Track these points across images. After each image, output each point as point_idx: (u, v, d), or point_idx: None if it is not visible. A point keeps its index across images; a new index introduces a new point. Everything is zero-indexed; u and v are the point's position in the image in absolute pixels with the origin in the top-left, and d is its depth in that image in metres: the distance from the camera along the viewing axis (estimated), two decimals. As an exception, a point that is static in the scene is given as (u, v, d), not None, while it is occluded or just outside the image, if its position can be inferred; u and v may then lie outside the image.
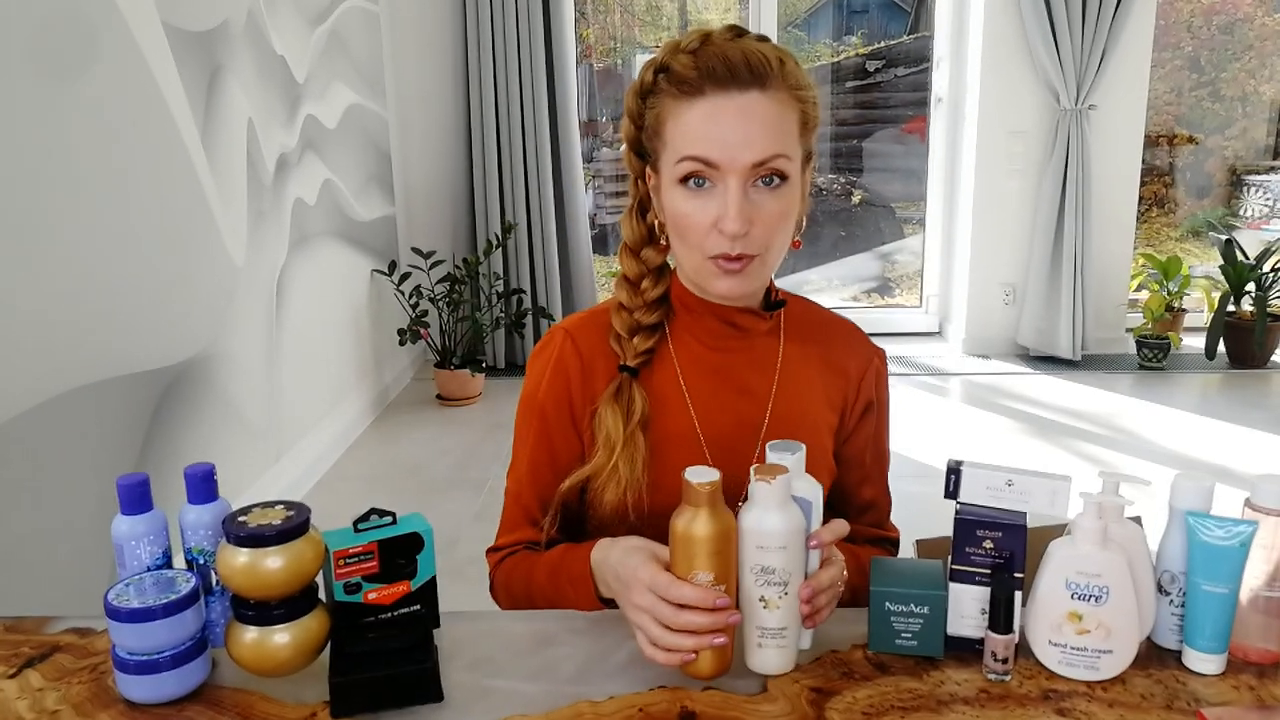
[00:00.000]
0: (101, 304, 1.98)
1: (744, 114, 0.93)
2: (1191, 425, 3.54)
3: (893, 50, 4.95)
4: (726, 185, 0.94)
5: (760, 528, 0.83)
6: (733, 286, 0.98)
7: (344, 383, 3.48)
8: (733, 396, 1.06)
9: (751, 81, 0.93)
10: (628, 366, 1.03)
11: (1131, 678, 0.85)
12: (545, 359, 1.08)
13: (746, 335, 1.07)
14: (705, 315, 1.06)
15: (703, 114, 0.94)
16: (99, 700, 0.83)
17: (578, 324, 1.08)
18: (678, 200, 0.97)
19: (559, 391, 1.06)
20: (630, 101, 1.02)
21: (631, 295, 1.05)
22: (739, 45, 0.95)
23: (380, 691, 0.81)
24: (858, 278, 5.17)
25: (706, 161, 0.94)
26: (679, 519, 0.82)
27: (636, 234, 1.05)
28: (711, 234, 0.96)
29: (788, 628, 0.85)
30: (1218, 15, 4.74)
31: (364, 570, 0.83)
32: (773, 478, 0.82)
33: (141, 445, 2.13)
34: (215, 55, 2.49)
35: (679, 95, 0.95)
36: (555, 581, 1.00)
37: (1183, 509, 0.86)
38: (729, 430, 1.05)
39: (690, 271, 1.03)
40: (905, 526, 1.20)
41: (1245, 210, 4.93)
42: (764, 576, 0.83)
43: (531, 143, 4.11)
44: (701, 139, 0.94)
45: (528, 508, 1.09)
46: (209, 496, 0.88)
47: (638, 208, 1.06)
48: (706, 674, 0.84)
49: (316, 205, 3.22)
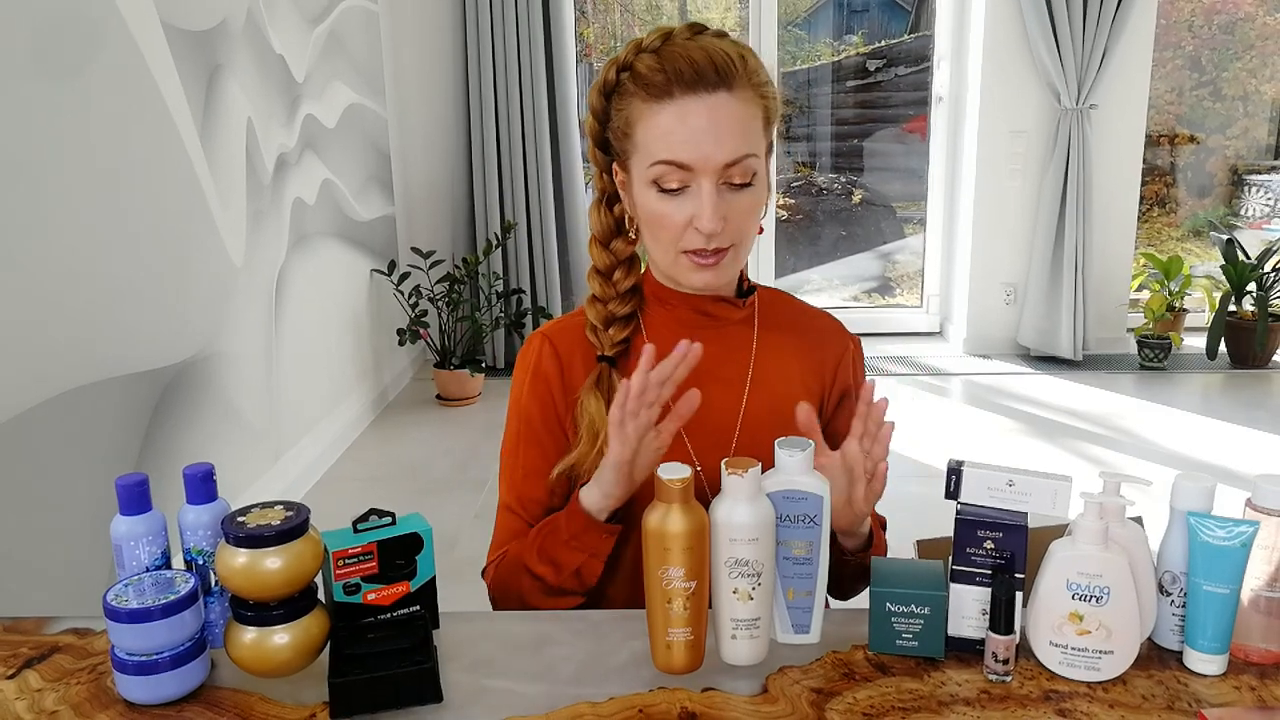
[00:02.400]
0: (100, 304, 1.98)
1: (713, 116, 0.95)
2: (1193, 425, 3.53)
3: (893, 49, 4.95)
4: (700, 186, 0.97)
5: (731, 520, 0.84)
6: (709, 279, 1.02)
7: (343, 383, 3.48)
8: (709, 386, 1.07)
9: (718, 82, 0.95)
10: (606, 356, 1.05)
11: (1132, 678, 0.85)
12: (525, 365, 1.10)
13: (720, 324, 1.09)
14: (679, 306, 1.09)
15: (672, 117, 0.96)
16: (98, 701, 0.83)
17: (555, 328, 1.11)
18: (651, 200, 0.99)
19: (541, 394, 1.07)
20: (594, 99, 1.04)
21: (604, 286, 1.07)
22: (701, 44, 0.97)
23: (379, 692, 0.81)
24: (858, 277, 5.17)
25: (680, 165, 0.96)
26: (651, 515, 0.83)
27: (604, 226, 1.07)
28: (687, 231, 0.99)
29: (760, 618, 0.86)
30: (1219, 14, 4.73)
31: (363, 571, 0.83)
32: (744, 471, 0.83)
33: (140, 445, 2.13)
34: (214, 55, 2.49)
35: (647, 98, 0.97)
36: (553, 532, 1.00)
37: (1184, 509, 0.86)
38: (707, 419, 1.06)
39: (664, 266, 1.05)
40: (905, 527, 1.20)
41: (1246, 210, 4.93)
42: (737, 569, 0.85)
43: (531, 142, 4.11)
44: (673, 143, 0.96)
45: (525, 509, 1.08)
46: (208, 497, 0.88)
47: (604, 200, 1.08)
48: (680, 667, 0.85)
49: (316, 205, 3.22)
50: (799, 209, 5.12)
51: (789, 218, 5.08)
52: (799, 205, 5.12)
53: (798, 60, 4.99)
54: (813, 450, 0.88)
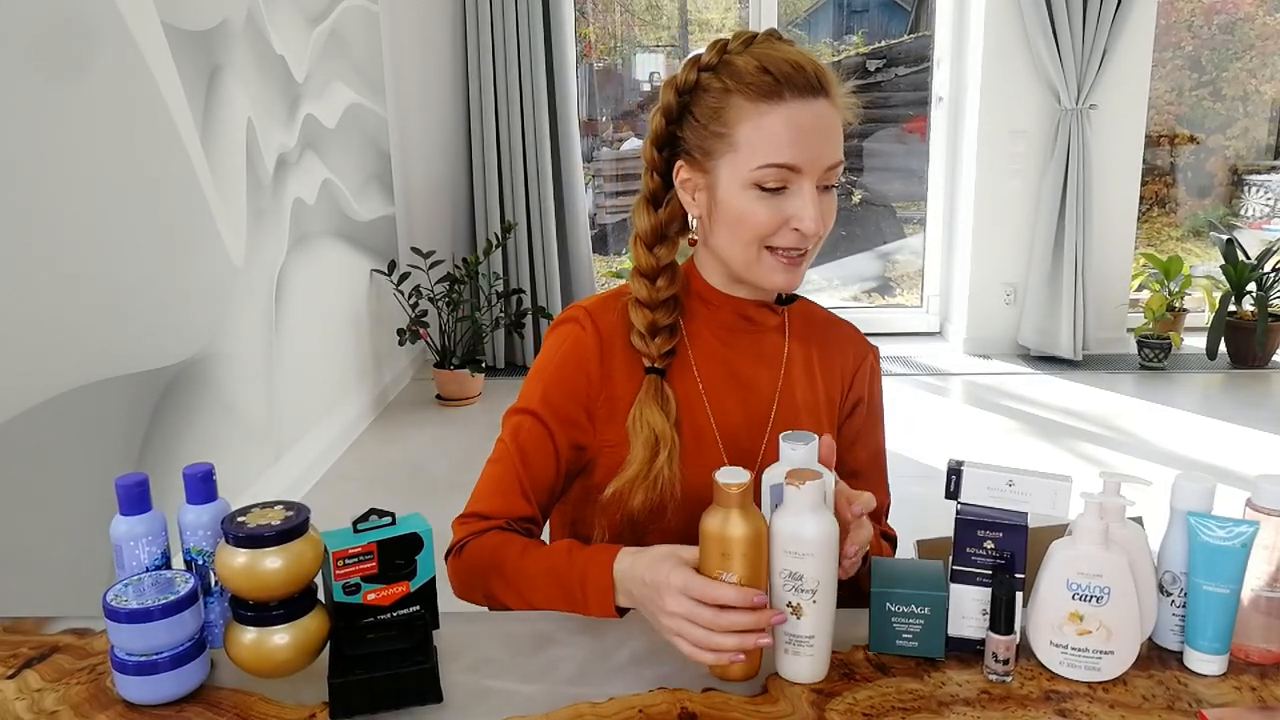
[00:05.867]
0: (100, 303, 1.98)
1: (820, 122, 0.97)
2: (1193, 425, 3.53)
3: (893, 49, 4.94)
4: (800, 187, 0.97)
5: (793, 532, 0.82)
6: (791, 279, 1.02)
7: (343, 383, 3.48)
8: (742, 391, 1.08)
9: (821, 90, 0.98)
10: (655, 369, 1.04)
11: (1133, 679, 0.85)
12: (563, 333, 1.07)
13: (757, 330, 1.09)
14: (723, 308, 1.08)
15: (784, 120, 0.96)
16: (97, 701, 0.83)
17: (597, 304, 1.08)
18: (748, 201, 0.98)
19: (573, 366, 1.05)
20: (669, 97, 1.02)
21: (649, 290, 1.04)
22: (798, 51, 0.99)
23: (379, 693, 0.81)
24: (858, 277, 5.17)
25: (791, 167, 0.97)
26: (711, 519, 0.81)
27: (651, 227, 1.06)
28: (781, 230, 0.99)
29: (815, 636, 0.84)
30: (1218, 14, 4.73)
31: (363, 571, 0.83)
32: (801, 483, 0.81)
33: (140, 445, 2.12)
34: (214, 55, 2.49)
35: (754, 97, 0.97)
36: (561, 581, 0.95)
37: (1184, 509, 0.86)
38: (739, 425, 1.07)
39: (739, 265, 1.03)
40: (906, 527, 1.20)
41: (1246, 210, 4.92)
42: (793, 582, 0.83)
43: (531, 142, 4.11)
44: (787, 145, 0.96)
45: (523, 474, 1.04)
46: (208, 497, 0.87)
47: (651, 200, 1.06)
48: (739, 676, 0.84)
49: (316, 205, 3.22)
50: (799, 209, 5.11)
51: (789, 218, 5.08)
52: (799, 205, 5.11)
53: (798, 60, 4.99)
54: (817, 444, 0.88)
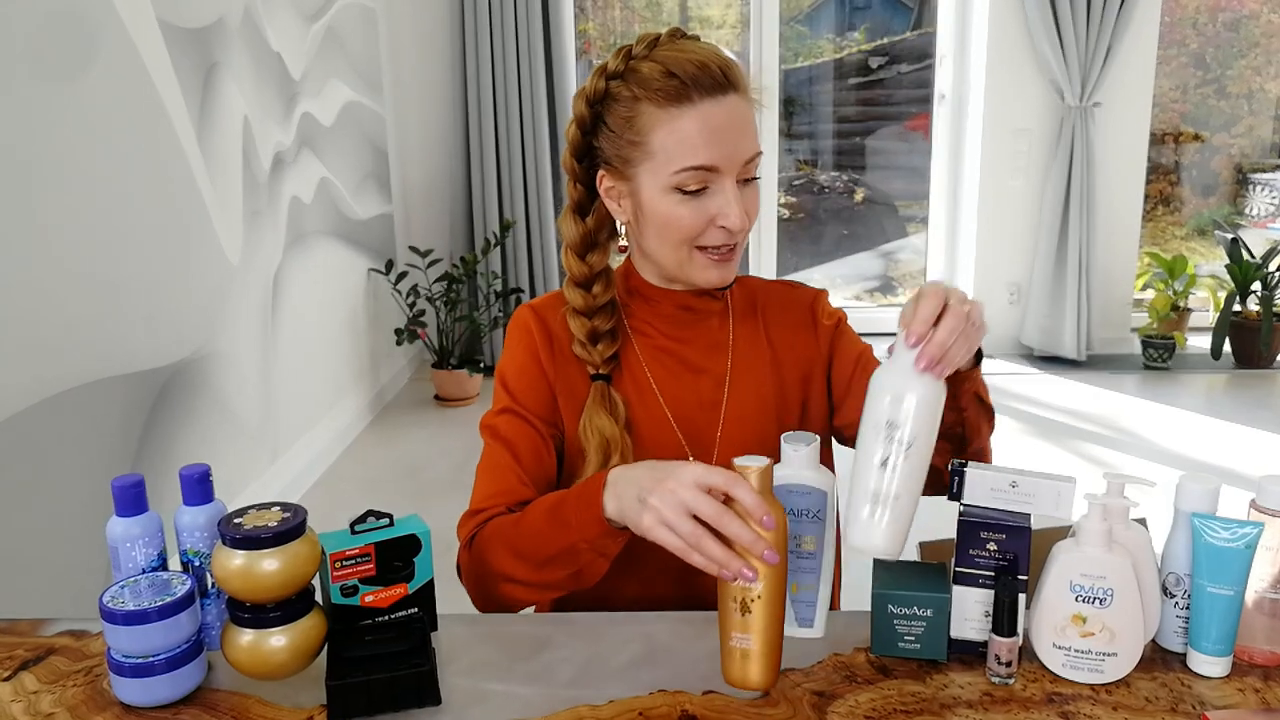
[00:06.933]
0: (96, 303, 1.98)
1: (732, 118, 0.98)
2: (1197, 426, 3.53)
3: (896, 47, 4.93)
4: (722, 185, 0.98)
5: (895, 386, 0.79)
6: (724, 274, 1.03)
7: (341, 383, 3.48)
8: (692, 378, 1.09)
9: (729, 85, 0.98)
10: (601, 375, 1.05)
11: (1136, 680, 0.84)
12: (513, 335, 1.10)
13: (700, 319, 1.10)
14: (663, 302, 1.09)
15: (697, 122, 0.96)
16: (94, 703, 0.83)
17: (543, 303, 1.11)
18: (670, 205, 0.99)
19: (529, 359, 1.07)
20: (580, 108, 1.02)
21: (585, 299, 1.06)
22: (701, 48, 0.99)
23: (378, 695, 0.81)
24: (860, 276, 5.16)
25: (710, 168, 0.97)
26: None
27: (580, 236, 1.07)
28: (708, 230, 1.00)
29: (901, 498, 0.78)
30: (1223, 12, 4.72)
31: (361, 573, 0.82)
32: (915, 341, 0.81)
33: (136, 446, 2.12)
34: (211, 52, 2.48)
35: (663, 103, 0.96)
36: (554, 507, 0.91)
37: (1188, 510, 0.86)
38: (693, 411, 1.08)
39: (671, 266, 1.04)
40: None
41: (1251, 209, 4.91)
42: (888, 431, 0.78)
43: (530, 140, 4.11)
44: (702, 147, 0.96)
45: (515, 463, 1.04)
46: (204, 498, 0.87)
47: (577, 209, 1.07)
48: (756, 682, 0.81)
49: (313, 203, 3.21)
50: (800, 207, 5.11)
51: (791, 216, 5.07)
52: (800, 203, 5.10)
53: (799, 57, 4.98)
54: (818, 445, 0.88)
